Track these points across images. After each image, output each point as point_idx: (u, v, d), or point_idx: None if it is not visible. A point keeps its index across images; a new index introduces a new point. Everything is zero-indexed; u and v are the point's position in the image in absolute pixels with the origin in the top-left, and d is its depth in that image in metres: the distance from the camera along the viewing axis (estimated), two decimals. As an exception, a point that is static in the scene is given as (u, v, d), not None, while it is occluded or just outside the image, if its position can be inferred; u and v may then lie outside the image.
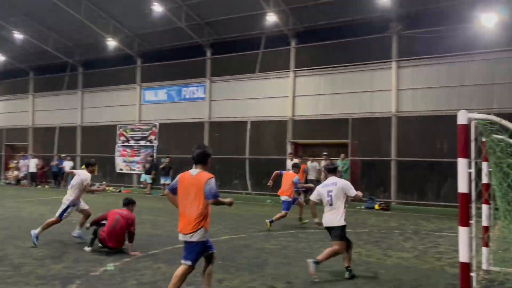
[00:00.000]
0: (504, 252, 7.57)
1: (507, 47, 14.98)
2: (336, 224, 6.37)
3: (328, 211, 6.48)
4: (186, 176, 5.02)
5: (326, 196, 6.48)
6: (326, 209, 6.53)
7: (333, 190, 6.44)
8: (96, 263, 6.82)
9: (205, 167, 5.13)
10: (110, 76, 24.23)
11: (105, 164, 24.01)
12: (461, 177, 4.08)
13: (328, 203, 6.46)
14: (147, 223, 11.38)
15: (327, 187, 6.56)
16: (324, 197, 6.50)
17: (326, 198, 6.48)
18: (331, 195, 6.43)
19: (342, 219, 6.39)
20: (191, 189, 4.92)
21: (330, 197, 6.44)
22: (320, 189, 6.65)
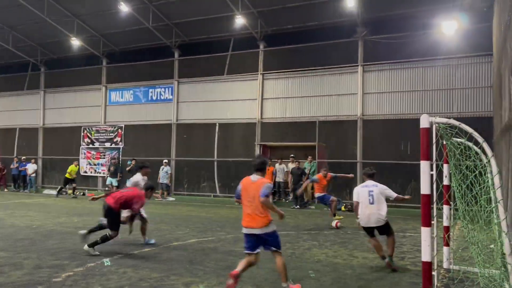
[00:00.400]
0: (464, 251, 7.86)
1: (466, 54, 15.62)
2: (381, 223, 7.06)
3: (368, 209, 7.06)
4: (247, 181, 5.85)
5: (367, 196, 7.09)
6: (365, 208, 7.07)
7: (374, 191, 7.11)
8: (58, 269, 6.60)
9: (263, 173, 5.92)
10: (74, 76, 23.61)
11: (69, 166, 23.32)
12: (423, 179, 4.21)
13: (369, 202, 7.06)
14: (113, 227, 11.11)
15: (368, 187, 7.21)
16: (365, 197, 7.09)
17: (367, 197, 7.08)
18: (372, 195, 7.07)
19: (385, 217, 7.07)
20: (253, 193, 5.69)
21: (371, 196, 7.06)
22: (360, 189, 7.30)
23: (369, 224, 7.09)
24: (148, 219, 9.18)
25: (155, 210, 15.36)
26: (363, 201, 7.12)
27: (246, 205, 5.75)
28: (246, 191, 5.78)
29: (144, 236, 8.97)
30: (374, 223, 7.04)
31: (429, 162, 4.25)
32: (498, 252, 5.50)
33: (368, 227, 7.13)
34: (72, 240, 9.10)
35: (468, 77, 15.77)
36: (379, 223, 7.04)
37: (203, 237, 9.77)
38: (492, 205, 4.77)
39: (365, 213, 7.08)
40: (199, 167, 20.07)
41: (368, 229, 7.17)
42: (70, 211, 14.63)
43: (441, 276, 6.46)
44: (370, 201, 7.05)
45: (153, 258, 7.54)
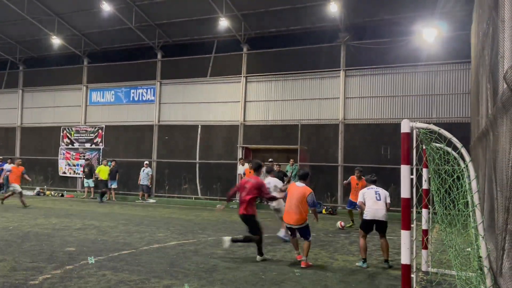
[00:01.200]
0: (441, 254, 8.00)
1: (445, 60, 15.95)
2: (385, 219, 7.69)
3: (375, 205, 7.71)
4: (293, 186, 7.89)
5: (374, 194, 7.83)
6: (372, 203, 7.73)
7: (379, 191, 7.89)
8: (35, 272, 6.47)
9: (306, 182, 7.88)
10: (54, 75, 23.20)
11: (47, 167, 22.94)
12: (403, 182, 4.28)
13: (376, 199, 7.77)
14: (92, 228, 10.96)
15: (373, 189, 7.97)
16: (372, 195, 7.82)
17: (374, 195, 7.81)
18: (379, 193, 7.84)
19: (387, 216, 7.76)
20: (297, 196, 7.58)
21: (378, 195, 7.82)
22: (366, 190, 8.02)
23: (375, 217, 7.67)
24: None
25: (135, 212, 15.21)
26: (371, 198, 7.81)
27: (288, 204, 7.70)
28: (291, 192, 7.74)
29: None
30: (381, 217, 7.65)
31: (409, 167, 4.32)
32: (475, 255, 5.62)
33: (371, 220, 7.70)
34: (50, 242, 8.93)
35: (447, 83, 16.09)
36: (385, 218, 7.68)
37: (184, 240, 9.70)
38: (469, 209, 4.87)
39: (373, 207, 7.71)
40: (181, 169, 19.94)
41: (370, 223, 7.73)
42: (47, 212, 14.35)
43: (420, 279, 6.56)
44: (377, 198, 7.79)
45: (133, 260, 7.46)
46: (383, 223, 7.68)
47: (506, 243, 5.12)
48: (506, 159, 5.05)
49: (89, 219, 12.73)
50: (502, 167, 5.47)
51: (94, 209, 15.99)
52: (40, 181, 23.01)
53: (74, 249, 8.24)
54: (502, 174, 5.47)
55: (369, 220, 7.70)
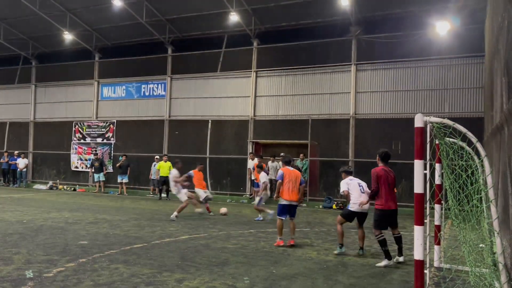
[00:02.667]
0: (454, 250, 7.94)
1: (458, 54, 15.74)
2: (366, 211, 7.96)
3: (362, 197, 7.89)
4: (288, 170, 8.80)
5: (358, 186, 8.05)
6: (358, 196, 7.92)
7: (361, 183, 8.09)
8: (49, 264, 6.55)
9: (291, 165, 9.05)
10: (66, 70, 23.40)
11: (59, 162, 23.21)
12: (417, 178, 4.22)
13: (361, 191, 7.97)
14: (104, 222, 11.06)
15: (355, 180, 8.18)
16: (356, 187, 8.03)
17: (358, 187, 8.03)
18: (362, 186, 8.05)
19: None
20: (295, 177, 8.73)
21: (361, 187, 8.04)
22: (349, 181, 8.19)
23: (362, 210, 7.94)
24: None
25: (146, 207, 15.32)
26: (356, 191, 8.02)
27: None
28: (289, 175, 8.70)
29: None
30: (366, 209, 7.95)
31: (422, 162, 4.27)
32: (489, 252, 5.56)
33: (356, 212, 7.95)
34: (63, 235, 9.04)
35: (460, 77, 15.89)
36: (367, 211, 7.99)
37: (195, 234, 9.75)
38: (484, 204, 4.82)
39: (359, 200, 7.91)
40: (191, 164, 19.97)
41: (354, 214, 8.00)
42: (60, 206, 14.52)
43: (432, 275, 6.51)
44: (361, 190, 8.01)
45: (144, 254, 7.51)
46: (366, 214, 8.06)
47: (521, 239, 5.06)
48: (522, 154, 4.98)
49: (101, 213, 12.85)
50: (518, 162, 5.39)
51: (106, 203, 16.14)
52: (53, 175, 23.30)
53: (87, 243, 8.33)
54: (517, 169, 5.39)
55: (355, 211, 7.97)
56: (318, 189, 17.66)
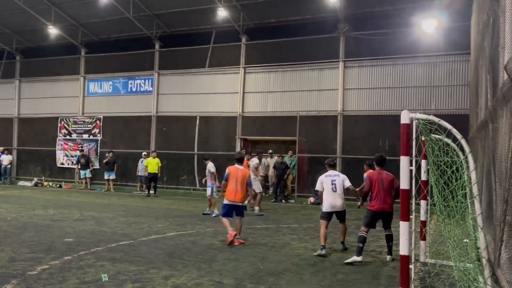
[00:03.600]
0: (439, 245, 8.03)
1: (445, 52, 15.88)
2: (343, 208, 7.97)
3: (332, 197, 7.88)
4: (236, 168, 8.67)
5: (330, 184, 7.92)
6: (330, 195, 7.89)
7: (336, 180, 7.95)
8: (34, 262, 6.47)
9: (242, 164, 8.94)
10: (51, 65, 23.03)
11: (45, 158, 22.91)
12: (403, 174, 4.26)
13: (332, 190, 7.89)
14: (90, 219, 10.96)
15: (331, 177, 8.03)
16: (328, 185, 7.92)
17: (330, 185, 7.91)
18: (335, 184, 7.91)
19: (344, 205, 8.00)
20: (241, 177, 8.60)
21: (334, 185, 7.90)
22: (324, 178, 8.07)
23: (334, 209, 7.88)
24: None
25: (133, 203, 15.22)
26: (327, 189, 7.95)
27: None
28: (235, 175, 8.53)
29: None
30: (339, 208, 7.89)
31: (408, 158, 4.30)
32: (473, 247, 5.64)
33: (331, 212, 7.90)
34: (49, 233, 8.94)
35: (446, 74, 16.04)
36: (342, 208, 7.94)
37: (182, 231, 9.72)
38: (468, 200, 4.88)
39: (329, 200, 7.89)
40: (179, 160, 19.93)
41: (329, 214, 7.93)
42: (46, 203, 14.35)
43: (418, 270, 6.59)
44: (333, 189, 7.91)
45: (131, 251, 7.46)
46: (342, 212, 7.99)
47: (504, 234, 5.14)
48: (506, 151, 5.05)
49: (88, 210, 12.73)
50: (501, 158, 5.47)
51: (92, 200, 15.99)
52: (38, 172, 23.00)
53: (73, 240, 8.24)
54: (501, 165, 5.46)
55: (328, 211, 7.92)
56: (306, 185, 17.72)
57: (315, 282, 5.92)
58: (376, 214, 7.41)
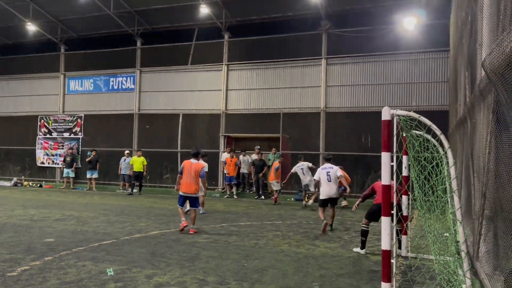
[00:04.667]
0: (420, 240, 8.17)
1: (425, 49, 16.11)
2: (335, 196, 9.72)
3: (327, 186, 9.56)
4: (189, 163, 9.42)
5: (325, 175, 9.60)
6: (325, 185, 9.57)
7: (330, 172, 9.66)
8: (13, 263, 6.35)
9: (197, 158, 9.65)
10: (30, 63, 22.58)
11: (24, 157, 22.47)
12: (384, 170, 4.31)
13: (328, 180, 9.59)
14: (72, 219, 10.80)
15: (326, 169, 9.73)
16: (324, 176, 9.60)
17: (325, 177, 9.59)
18: (330, 175, 9.61)
19: (338, 193, 9.94)
20: (194, 170, 9.35)
21: (329, 176, 9.60)
22: (320, 171, 9.79)
23: (329, 196, 9.54)
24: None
25: (116, 202, 15.06)
26: (323, 180, 9.61)
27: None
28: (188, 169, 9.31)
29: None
30: (333, 195, 9.61)
31: (389, 154, 4.35)
32: (453, 240, 5.75)
33: (327, 198, 9.54)
34: (28, 233, 8.78)
35: (426, 71, 16.27)
36: (336, 195, 9.80)
37: (166, 229, 9.66)
38: (448, 195, 4.96)
39: (325, 189, 9.56)
40: (162, 158, 19.78)
41: (326, 201, 9.56)
42: (26, 203, 14.08)
43: (399, 264, 6.69)
44: (328, 179, 9.61)
45: (114, 250, 7.38)
46: (335, 199, 9.76)
47: (482, 228, 5.24)
48: (483, 146, 5.15)
49: (69, 210, 12.55)
50: (479, 154, 5.58)
51: (74, 199, 15.76)
52: (17, 172, 22.55)
53: (53, 240, 8.11)
54: (479, 160, 5.57)
55: (324, 199, 9.57)
56: (290, 182, 17.78)
57: (298, 278, 5.96)
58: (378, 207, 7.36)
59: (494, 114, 4.52)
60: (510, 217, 3.86)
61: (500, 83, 3.64)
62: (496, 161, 4.53)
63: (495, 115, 4.50)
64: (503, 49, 3.22)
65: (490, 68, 3.75)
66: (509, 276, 4.00)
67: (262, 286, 5.56)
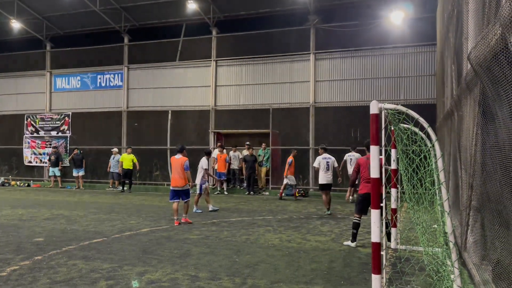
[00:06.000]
0: (409, 232, 8.26)
1: (412, 43, 16.23)
2: (330, 182, 11.57)
3: (325, 174, 11.41)
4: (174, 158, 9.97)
5: (325, 165, 11.39)
6: (322, 173, 11.43)
7: (329, 162, 11.46)
8: (2, 263, 6.29)
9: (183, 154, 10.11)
10: (15, 60, 22.28)
11: (11, 157, 22.21)
12: (373, 163, 4.35)
13: (326, 169, 11.41)
14: (61, 218, 10.72)
15: (325, 159, 11.45)
16: (323, 165, 11.38)
17: (325, 165, 11.38)
18: (328, 164, 11.42)
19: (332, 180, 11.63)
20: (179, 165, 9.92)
21: (327, 165, 11.43)
22: (321, 159, 11.44)
23: (326, 182, 11.41)
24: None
25: (105, 200, 14.96)
26: (323, 169, 11.38)
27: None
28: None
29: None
30: (329, 181, 11.47)
31: (378, 147, 4.38)
32: (441, 231, 5.82)
33: (324, 184, 11.41)
34: (17, 233, 8.69)
35: (414, 65, 16.40)
36: (331, 181, 11.58)
37: (156, 226, 9.63)
38: (436, 187, 5.02)
39: (324, 176, 11.40)
40: (151, 156, 19.68)
41: (324, 186, 11.43)
42: (14, 203, 13.93)
43: (389, 256, 6.76)
44: (326, 168, 11.40)
45: (104, 249, 7.35)
46: (330, 184, 11.53)
47: (470, 219, 5.33)
48: (470, 138, 5.22)
49: (58, 209, 12.44)
50: (466, 146, 5.66)
51: (62, 198, 15.63)
52: (4, 171, 22.28)
53: (43, 240, 8.05)
54: (466, 152, 5.65)
55: (322, 184, 11.47)
56: (281, 177, 17.82)
57: (289, 272, 5.99)
58: (364, 197, 7.47)
59: (481, 107, 4.58)
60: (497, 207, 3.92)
61: (485, 75, 3.69)
62: (483, 153, 4.60)
63: (481, 107, 4.56)
64: (488, 42, 3.27)
65: (476, 61, 3.80)
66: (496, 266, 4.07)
67: (254, 281, 5.58)
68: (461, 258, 5.48)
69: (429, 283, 5.24)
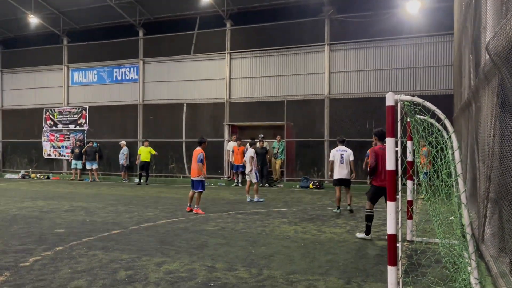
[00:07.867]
0: (426, 224, 8.22)
1: (429, 33, 15.98)
2: (348, 177, 10.44)
3: (340, 167, 10.36)
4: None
5: (339, 158, 10.36)
6: (337, 166, 10.38)
7: (344, 155, 10.40)
8: (25, 254, 6.47)
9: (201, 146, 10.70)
10: (33, 55, 22.64)
11: (31, 150, 22.67)
12: (389, 155, 4.34)
13: (340, 162, 10.36)
14: (80, 210, 10.94)
15: (340, 152, 10.46)
16: (338, 158, 10.37)
17: (339, 159, 10.36)
18: (343, 157, 10.38)
19: (350, 175, 10.46)
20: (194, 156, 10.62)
21: (342, 158, 10.37)
22: (335, 152, 10.52)
23: (341, 177, 10.35)
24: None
25: (123, 192, 15.20)
26: (337, 161, 10.38)
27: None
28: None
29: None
30: (344, 176, 10.35)
31: (394, 139, 4.37)
32: (458, 224, 5.79)
33: (339, 179, 10.37)
34: (38, 224, 8.92)
35: (430, 55, 16.17)
36: (347, 176, 10.39)
37: (173, 218, 9.77)
38: (453, 178, 4.99)
39: (337, 170, 10.37)
40: (167, 148, 19.88)
41: (338, 180, 10.40)
42: (34, 195, 14.26)
43: (405, 248, 6.76)
44: (341, 161, 10.37)
45: (123, 240, 7.50)
46: (347, 180, 10.43)
47: (487, 211, 5.29)
48: (488, 130, 5.16)
49: (77, 201, 12.70)
50: (484, 137, 5.60)
51: (81, 190, 15.93)
52: (25, 164, 22.77)
53: (64, 231, 8.25)
54: (484, 144, 5.59)
55: (337, 178, 10.44)
56: (295, 169, 17.86)
57: (305, 263, 6.04)
58: (382, 190, 7.28)
59: (499, 98, 4.53)
60: (515, 199, 3.89)
61: (504, 66, 3.64)
62: (501, 144, 4.55)
63: (499, 98, 4.51)
64: (507, 32, 3.23)
65: (494, 51, 3.75)
66: (514, 257, 4.05)
67: (270, 271, 5.65)
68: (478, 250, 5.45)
69: (446, 275, 5.23)
